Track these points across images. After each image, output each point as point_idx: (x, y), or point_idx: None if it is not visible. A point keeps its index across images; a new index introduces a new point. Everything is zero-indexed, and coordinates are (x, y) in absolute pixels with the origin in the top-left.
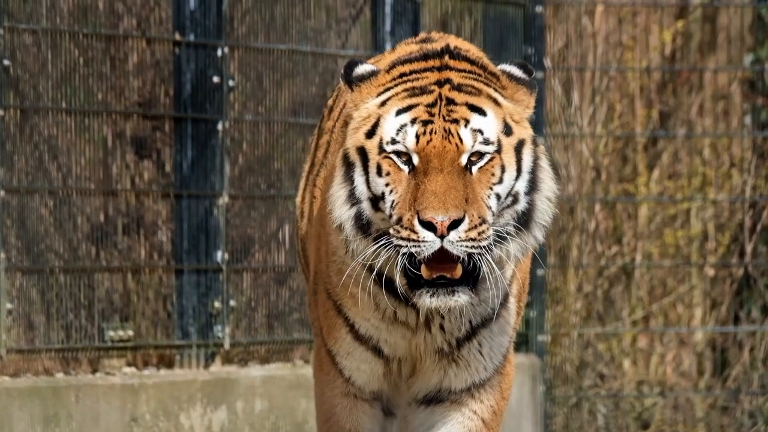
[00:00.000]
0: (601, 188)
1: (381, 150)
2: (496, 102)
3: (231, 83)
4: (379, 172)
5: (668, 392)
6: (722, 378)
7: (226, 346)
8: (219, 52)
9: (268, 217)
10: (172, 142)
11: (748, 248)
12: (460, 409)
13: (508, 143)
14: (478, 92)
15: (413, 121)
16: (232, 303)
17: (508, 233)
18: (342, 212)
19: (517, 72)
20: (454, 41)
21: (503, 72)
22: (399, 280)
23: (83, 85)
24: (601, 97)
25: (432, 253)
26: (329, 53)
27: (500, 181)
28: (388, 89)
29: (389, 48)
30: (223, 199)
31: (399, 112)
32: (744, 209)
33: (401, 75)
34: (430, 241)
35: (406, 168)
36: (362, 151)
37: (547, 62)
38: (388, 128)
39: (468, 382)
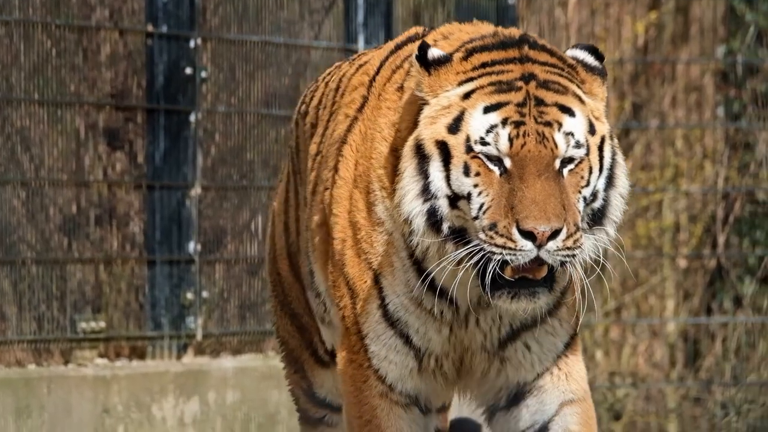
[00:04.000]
0: None
1: (469, 149)
2: (580, 100)
3: (204, 74)
4: (467, 172)
5: (640, 383)
6: (694, 369)
7: (199, 337)
8: (192, 44)
9: (240, 208)
10: (145, 133)
11: (721, 239)
12: (527, 403)
13: (593, 143)
14: (565, 90)
15: (504, 122)
16: (204, 294)
17: (583, 230)
18: (413, 207)
19: (590, 60)
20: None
21: (578, 61)
22: (472, 281)
23: (56, 77)
24: None
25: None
26: (302, 44)
27: (587, 183)
28: (470, 79)
29: (362, 40)
30: (196, 191)
31: (487, 110)
32: (716, 200)
33: (482, 65)
34: (527, 250)
35: (496, 170)
36: (443, 146)
37: None
38: (476, 126)
39: (520, 382)
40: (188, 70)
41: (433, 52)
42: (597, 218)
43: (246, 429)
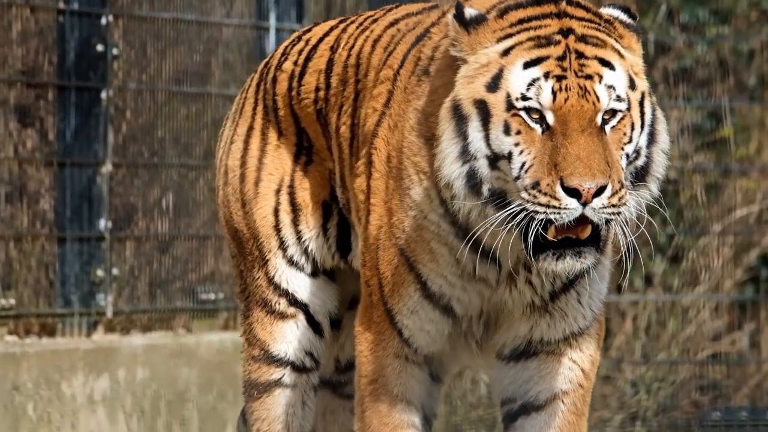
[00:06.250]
0: None
1: (509, 106)
2: (620, 54)
3: (115, 52)
4: (507, 131)
5: None
6: (605, 348)
7: (109, 314)
8: (103, 21)
9: (151, 185)
10: (56, 110)
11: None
12: (559, 359)
13: (634, 98)
14: (604, 44)
15: (546, 76)
16: (114, 271)
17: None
18: (453, 169)
19: (625, 18)
20: None
21: (614, 18)
22: (514, 243)
23: None
24: None
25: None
26: (213, 22)
27: (630, 140)
28: (508, 36)
29: (274, 17)
30: (107, 168)
31: (527, 65)
32: None
33: (519, 21)
34: (572, 209)
35: (538, 127)
36: (481, 105)
37: None
38: (516, 82)
39: (566, 332)
40: (99, 47)
41: (470, 11)
42: (640, 176)
43: (155, 406)
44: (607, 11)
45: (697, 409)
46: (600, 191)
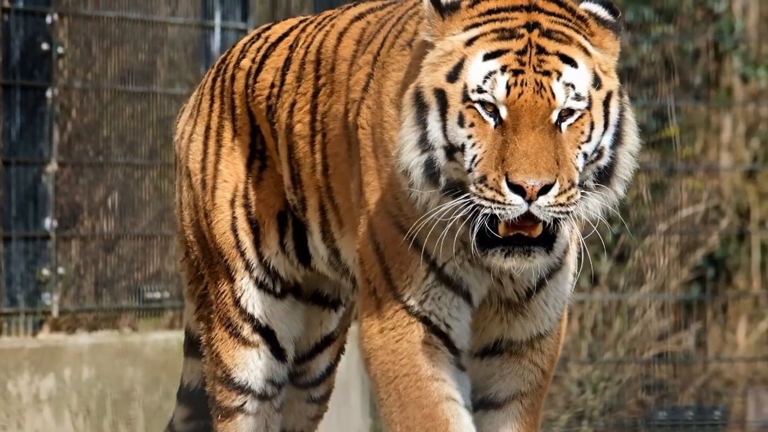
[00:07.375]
0: None
1: (465, 98)
2: (586, 51)
3: (60, 50)
4: (461, 123)
5: None
6: None
7: (55, 313)
8: (48, 19)
9: (96, 184)
10: (1, 109)
11: None
12: (520, 361)
13: (597, 97)
14: (569, 40)
15: (503, 70)
16: (60, 270)
17: (587, 188)
18: (411, 158)
19: (603, 13)
20: None
21: (590, 14)
22: (462, 236)
23: None
24: None
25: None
26: (158, 21)
27: (588, 139)
28: (475, 25)
29: (219, 16)
30: (52, 167)
31: (487, 57)
32: None
33: (489, 11)
34: (517, 205)
35: (491, 121)
36: (441, 95)
37: None
38: (474, 74)
39: (533, 333)
40: (45, 46)
41: None
42: (604, 177)
43: (101, 405)
44: (585, 6)
45: (644, 409)
46: (546, 189)
